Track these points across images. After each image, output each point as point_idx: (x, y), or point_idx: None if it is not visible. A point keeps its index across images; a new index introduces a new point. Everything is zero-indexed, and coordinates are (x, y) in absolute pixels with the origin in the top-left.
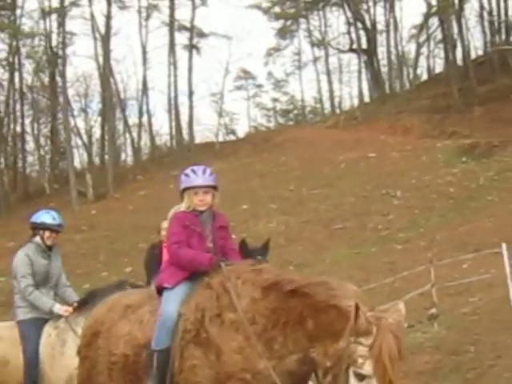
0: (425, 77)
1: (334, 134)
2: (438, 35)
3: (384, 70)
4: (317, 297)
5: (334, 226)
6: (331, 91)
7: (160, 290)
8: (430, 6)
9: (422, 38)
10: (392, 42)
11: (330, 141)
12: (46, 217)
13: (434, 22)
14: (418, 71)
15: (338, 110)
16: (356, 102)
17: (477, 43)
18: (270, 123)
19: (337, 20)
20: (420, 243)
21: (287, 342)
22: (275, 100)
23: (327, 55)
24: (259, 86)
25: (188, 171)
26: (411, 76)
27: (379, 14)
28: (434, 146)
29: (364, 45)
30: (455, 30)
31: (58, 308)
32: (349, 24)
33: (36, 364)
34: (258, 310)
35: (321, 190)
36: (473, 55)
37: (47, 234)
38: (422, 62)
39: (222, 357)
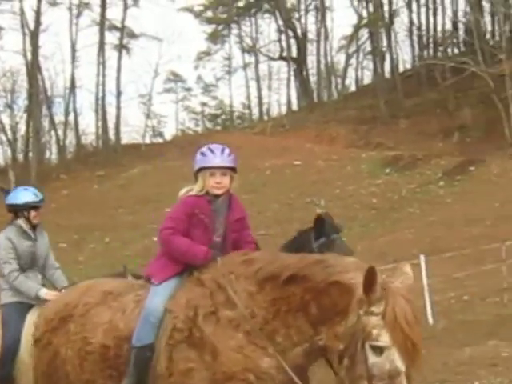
0: (353, 88)
1: (261, 140)
2: (368, 47)
3: (313, 79)
4: (315, 278)
5: (257, 233)
6: (260, 98)
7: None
8: (360, 17)
9: (352, 49)
10: (322, 52)
11: (256, 147)
12: (27, 195)
13: (364, 33)
14: (347, 82)
15: (266, 117)
16: (284, 109)
17: (405, 57)
18: (197, 127)
19: (268, 27)
20: None
21: (290, 333)
22: (204, 104)
23: (257, 62)
24: (188, 89)
25: (205, 149)
26: (339, 86)
27: (310, 23)
28: (359, 157)
29: (294, 53)
30: (384, 42)
31: (45, 293)
32: (280, 32)
33: (14, 353)
34: (257, 304)
35: (245, 196)
36: (401, 68)
37: (33, 213)
38: (351, 72)
39: (220, 357)
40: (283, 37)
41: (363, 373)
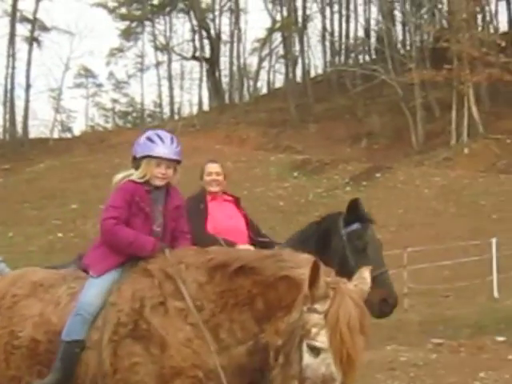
0: (264, 90)
1: None
2: (280, 51)
3: (225, 80)
4: (265, 271)
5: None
6: (171, 97)
7: (86, 271)
8: (274, 21)
9: (265, 52)
10: (235, 54)
11: None
12: None
13: (277, 37)
14: (259, 84)
15: (176, 116)
16: (195, 109)
17: (317, 62)
18: (107, 124)
19: (182, 26)
20: None
21: (234, 328)
22: (115, 101)
23: (170, 60)
24: (99, 85)
25: (152, 135)
26: (251, 88)
27: (224, 24)
28: (267, 159)
29: (207, 54)
30: (297, 47)
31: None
32: (193, 31)
33: None
34: (206, 296)
35: None
36: (312, 73)
37: None
38: (263, 75)
39: (168, 350)
40: (197, 37)
41: (296, 373)
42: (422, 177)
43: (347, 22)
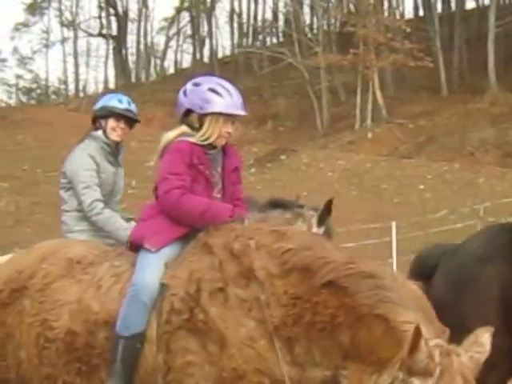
0: (172, 70)
1: (76, 117)
2: (188, 31)
3: (132, 58)
4: (360, 296)
5: None
6: (77, 74)
7: (135, 247)
8: (182, 0)
9: (172, 31)
10: (142, 32)
11: (70, 124)
12: (113, 100)
13: (186, 17)
14: (166, 64)
15: (82, 94)
16: (101, 87)
17: (225, 43)
18: (11, 100)
19: (89, 3)
20: None
21: (312, 349)
22: (18, 77)
23: (76, 37)
24: (3, 60)
25: (217, 86)
26: (158, 68)
27: (132, 1)
28: None
29: (114, 31)
30: (205, 27)
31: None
32: (101, 8)
33: None
34: (275, 293)
35: (55, 173)
36: (220, 54)
37: (112, 123)
38: (170, 55)
39: (228, 348)
40: (104, 14)
41: None
42: (326, 160)
43: (255, 3)
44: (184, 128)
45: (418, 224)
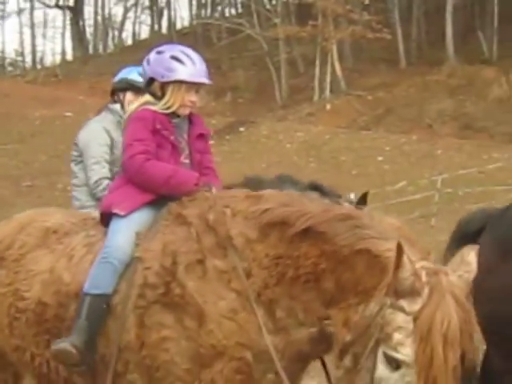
0: (130, 42)
1: (33, 89)
2: (146, 2)
3: (89, 30)
4: (338, 239)
5: (22, 184)
6: (34, 45)
7: (106, 218)
8: None
9: (130, 2)
10: (99, 3)
11: (27, 96)
12: (132, 73)
13: None
14: (124, 35)
15: (39, 66)
16: (58, 59)
17: (183, 14)
18: None
19: None
20: None
21: (294, 307)
22: None
23: (33, 8)
24: None
25: (179, 54)
26: (116, 39)
27: None
28: None
29: (71, 2)
30: None
31: None
32: None
33: None
34: (256, 258)
35: (12, 146)
36: (178, 26)
37: (130, 96)
38: (128, 26)
39: (208, 323)
40: None
41: None
42: (284, 131)
43: None
44: (147, 97)
45: (377, 196)
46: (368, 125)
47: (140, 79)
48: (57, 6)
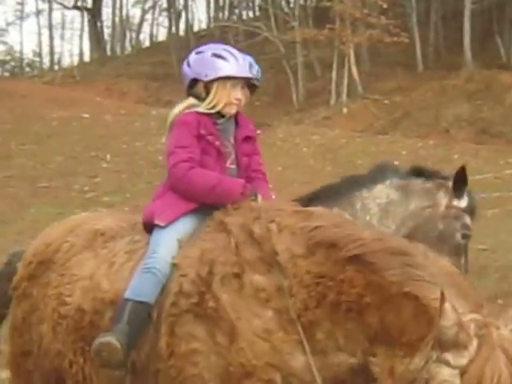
0: (147, 43)
1: (50, 90)
2: (164, 4)
3: (107, 31)
4: (388, 274)
5: (38, 184)
6: (52, 46)
7: (149, 226)
8: None
9: (148, 4)
10: (118, 5)
11: (44, 97)
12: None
13: None
14: (141, 37)
15: (56, 67)
16: (76, 60)
17: (201, 16)
18: None
19: None
20: (124, 208)
21: (336, 333)
22: None
23: (51, 9)
24: None
25: (220, 51)
26: (133, 41)
27: None
28: (148, 113)
29: (89, 3)
30: (181, 1)
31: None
32: None
33: None
34: (297, 274)
35: (29, 146)
36: (196, 28)
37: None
38: (146, 28)
39: (239, 341)
40: None
41: None
42: (301, 135)
43: None
44: (191, 100)
45: None
46: (385, 129)
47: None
48: (75, 7)
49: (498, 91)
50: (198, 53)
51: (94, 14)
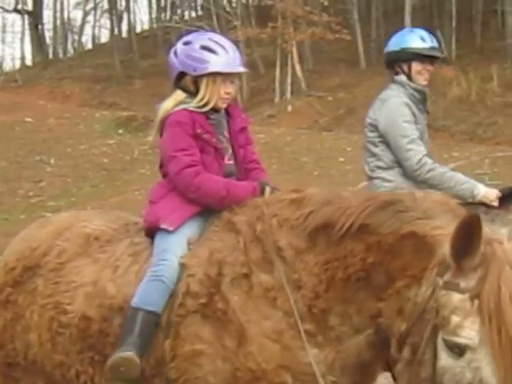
0: (89, 45)
1: None
2: (105, 5)
3: (49, 34)
4: (382, 228)
5: None
6: None
7: (152, 231)
8: None
9: (89, 6)
10: (58, 7)
11: None
12: (414, 40)
13: None
14: (83, 39)
15: None
16: (18, 64)
17: (143, 17)
18: None
19: None
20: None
21: (349, 311)
22: None
23: None
24: None
25: (210, 43)
26: (76, 43)
27: None
28: (92, 116)
29: (30, 6)
30: (123, 2)
31: (485, 192)
32: None
33: None
34: (306, 267)
35: None
36: (138, 29)
37: (417, 66)
38: (88, 30)
39: (248, 345)
40: None
41: (428, 376)
42: None
43: None
44: (179, 94)
45: None
46: (329, 125)
47: (425, 45)
48: (15, 10)
49: (439, 85)
50: (185, 43)
51: (35, 16)
